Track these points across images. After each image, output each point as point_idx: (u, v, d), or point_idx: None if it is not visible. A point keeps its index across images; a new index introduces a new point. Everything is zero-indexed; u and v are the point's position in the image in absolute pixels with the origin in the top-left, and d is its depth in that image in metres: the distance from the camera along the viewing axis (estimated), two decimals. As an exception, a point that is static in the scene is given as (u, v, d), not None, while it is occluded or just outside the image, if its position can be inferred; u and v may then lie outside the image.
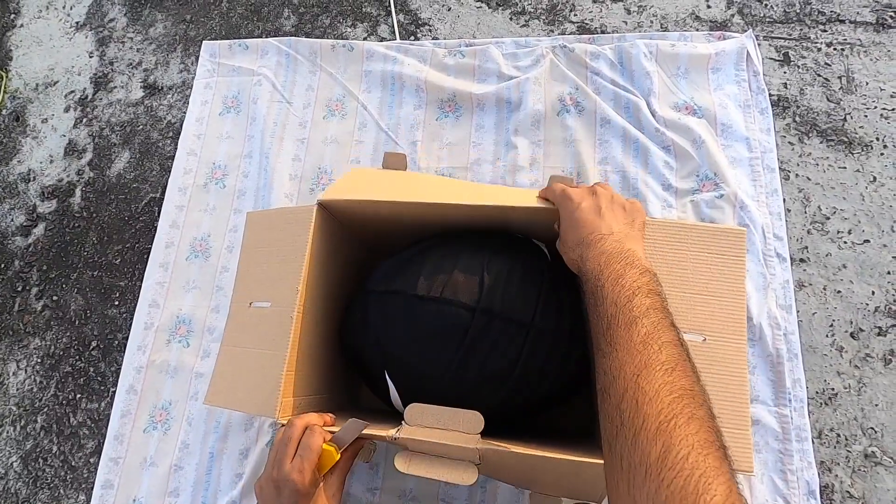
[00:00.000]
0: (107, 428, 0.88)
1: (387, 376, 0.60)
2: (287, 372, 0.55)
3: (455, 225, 0.64)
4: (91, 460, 0.89)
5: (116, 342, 0.95)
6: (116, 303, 0.98)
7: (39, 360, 0.96)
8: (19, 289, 1.02)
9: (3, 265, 1.05)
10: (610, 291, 0.41)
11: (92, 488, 0.85)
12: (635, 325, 0.38)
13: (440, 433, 0.50)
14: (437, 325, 0.56)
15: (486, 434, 0.49)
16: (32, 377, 0.96)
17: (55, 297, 1.00)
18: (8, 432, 0.93)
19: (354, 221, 0.68)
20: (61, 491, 0.88)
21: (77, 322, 0.98)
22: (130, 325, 0.93)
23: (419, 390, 0.59)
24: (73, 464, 0.89)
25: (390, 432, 0.50)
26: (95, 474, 0.86)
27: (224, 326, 0.64)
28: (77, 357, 0.95)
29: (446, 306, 0.56)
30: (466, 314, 0.55)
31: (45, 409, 0.93)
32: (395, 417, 0.57)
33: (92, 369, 0.94)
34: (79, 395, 0.93)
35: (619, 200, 0.52)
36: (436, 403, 0.56)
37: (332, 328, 0.67)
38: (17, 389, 0.95)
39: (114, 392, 0.90)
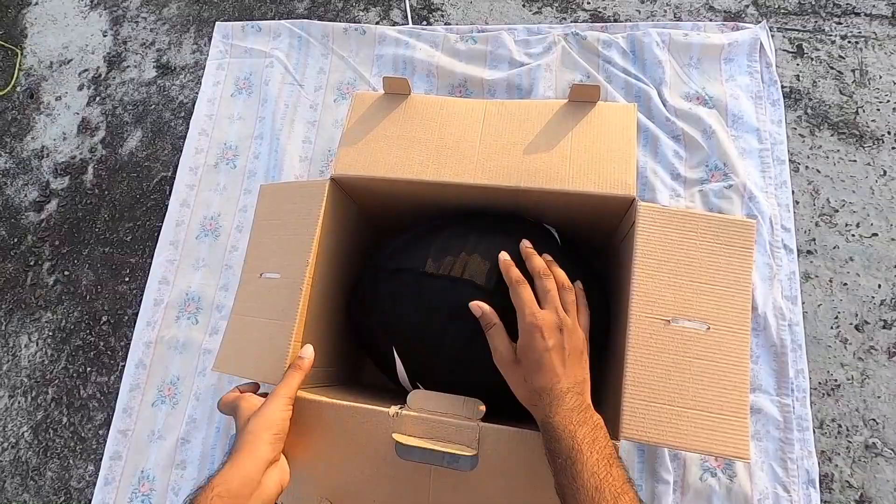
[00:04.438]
0: (116, 401, 0.89)
1: (394, 353, 0.61)
2: (295, 343, 0.56)
3: (468, 204, 0.64)
4: (100, 432, 0.90)
5: (126, 317, 0.96)
6: (127, 279, 0.99)
7: (51, 334, 0.98)
8: (31, 263, 1.04)
9: (16, 240, 1.06)
10: (588, 458, 0.43)
11: (101, 459, 0.86)
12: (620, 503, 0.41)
13: (441, 414, 0.51)
14: (446, 302, 0.57)
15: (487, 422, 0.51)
16: (44, 350, 0.97)
17: (67, 272, 1.02)
18: (19, 403, 0.95)
19: (366, 196, 0.68)
20: (71, 461, 0.90)
21: (88, 297, 0.99)
22: (140, 300, 0.94)
23: (426, 367, 0.60)
24: (82, 435, 0.91)
25: (392, 409, 0.51)
26: (104, 445, 0.87)
27: (234, 297, 0.64)
28: (88, 331, 0.97)
29: (455, 284, 0.57)
30: (475, 293, 0.56)
31: (56, 381, 0.95)
32: (399, 396, 0.57)
33: (102, 343, 0.96)
34: (89, 369, 0.95)
35: (577, 337, 0.51)
36: (442, 381, 0.57)
37: (339, 302, 0.68)
38: (29, 361, 0.97)
39: (123, 366, 0.92)
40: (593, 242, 0.70)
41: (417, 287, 0.58)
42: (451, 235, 0.61)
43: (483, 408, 0.52)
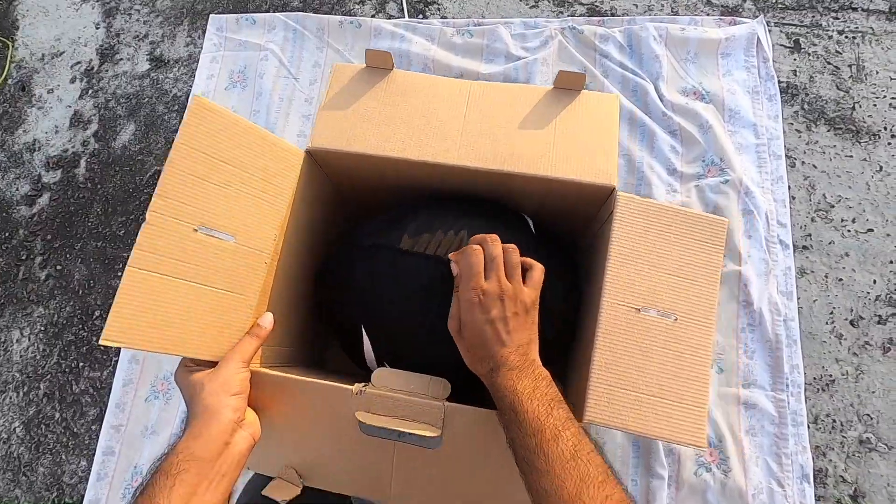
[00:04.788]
0: (109, 396, 0.89)
1: (363, 331, 0.60)
2: (254, 319, 0.53)
3: (448, 186, 0.64)
4: (93, 427, 0.90)
5: (119, 312, 0.96)
6: (120, 273, 0.98)
7: (43, 329, 0.97)
8: (23, 257, 1.03)
9: (7, 234, 1.05)
10: (529, 406, 0.44)
11: (93, 455, 0.86)
12: (560, 439, 0.42)
13: (406, 393, 0.51)
14: (420, 280, 0.57)
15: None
16: (36, 345, 0.96)
17: (59, 267, 1.01)
18: (11, 398, 0.94)
19: (342, 172, 0.66)
20: (63, 456, 0.89)
21: (81, 292, 0.98)
22: (133, 295, 0.94)
23: (398, 347, 0.60)
24: (74, 430, 0.90)
25: (356, 386, 0.51)
26: (97, 441, 0.87)
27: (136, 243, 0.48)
28: (80, 326, 0.96)
29: (428, 262, 0.57)
30: (448, 270, 0.56)
31: (48, 377, 0.94)
32: (364, 380, 0.57)
33: (95, 338, 0.95)
34: (81, 364, 0.94)
35: (521, 301, 0.50)
36: (410, 360, 0.56)
37: (304, 281, 0.66)
38: (21, 356, 0.96)
39: (116, 361, 0.91)
40: (572, 234, 0.70)
41: (393, 265, 0.58)
42: (428, 215, 0.61)
43: (448, 387, 0.52)
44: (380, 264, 0.59)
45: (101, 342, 0.46)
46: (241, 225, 0.53)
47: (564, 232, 0.69)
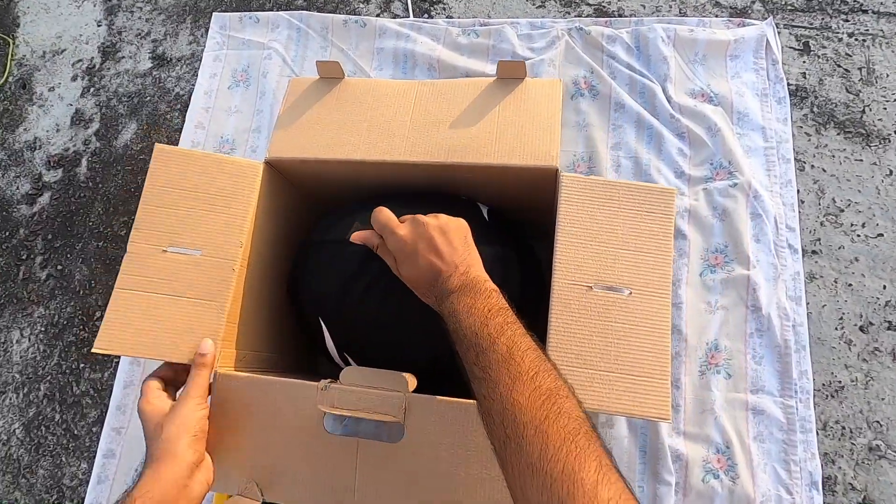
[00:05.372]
0: (110, 398, 0.88)
1: (322, 324, 0.61)
2: (228, 324, 0.55)
3: (403, 183, 0.65)
4: (93, 429, 0.89)
5: (120, 313, 0.95)
6: (121, 274, 0.98)
7: (43, 329, 0.96)
8: (24, 257, 1.02)
9: (7, 233, 1.04)
10: (467, 322, 0.45)
11: (94, 457, 0.85)
12: (496, 345, 0.42)
13: (370, 387, 0.51)
14: (363, 268, 0.58)
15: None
16: (36, 345, 0.96)
17: (60, 267, 1.00)
18: (10, 399, 0.93)
19: (303, 179, 0.69)
20: (63, 459, 0.88)
21: (81, 292, 0.97)
22: (135, 296, 0.93)
23: (350, 335, 0.61)
24: (75, 432, 0.89)
25: (322, 383, 0.51)
26: (97, 443, 0.86)
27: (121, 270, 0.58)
28: (81, 327, 0.95)
29: (367, 248, 0.57)
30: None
31: (49, 378, 0.93)
32: (333, 379, 0.58)
33: (96, 339, 0.94)
34: (82, 365, 0.93)
35: (445, 223, 0.52)
36: (367, 352, 0.58)
37: (280, 285, 0.68)
38: (21, 357, 0.95)
39: (117, 362, 0.90)
40: (540, 223, 0.70)
41: (338, 255, 0.60)
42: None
43: (414, 381, 0.52)
44: (328, 257, 0.61)
45: (93, 350, 0.52)
46: (206, 240, 0.57)
47: (533, 221, 0.69)
